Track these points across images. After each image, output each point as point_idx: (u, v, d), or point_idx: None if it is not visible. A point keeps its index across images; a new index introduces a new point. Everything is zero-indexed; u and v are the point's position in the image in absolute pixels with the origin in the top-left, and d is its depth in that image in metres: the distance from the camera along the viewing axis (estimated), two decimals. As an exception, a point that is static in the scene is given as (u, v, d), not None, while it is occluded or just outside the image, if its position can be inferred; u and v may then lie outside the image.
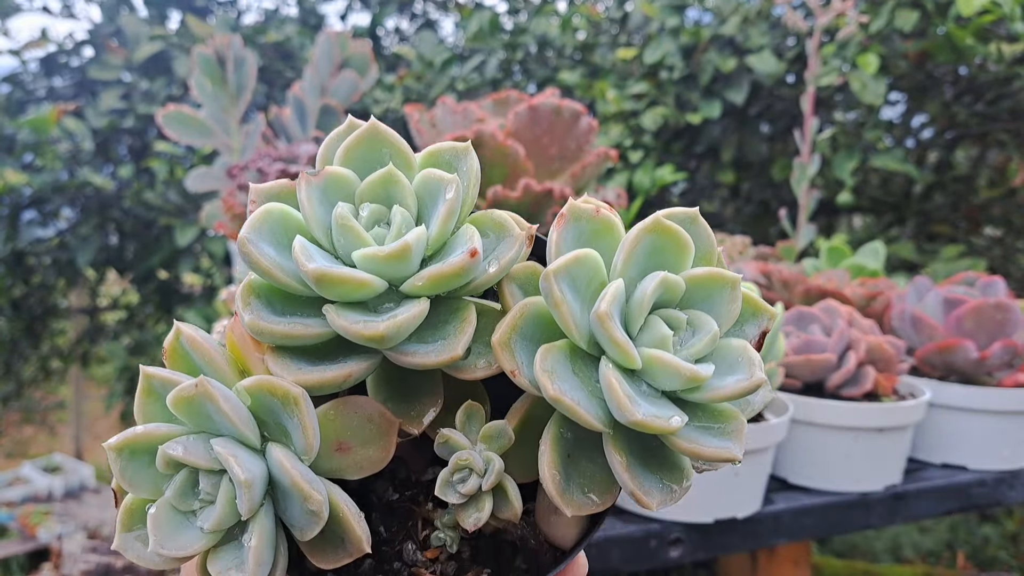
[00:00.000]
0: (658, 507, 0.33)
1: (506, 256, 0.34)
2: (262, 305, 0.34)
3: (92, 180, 1.95)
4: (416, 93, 2.05)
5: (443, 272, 0.32)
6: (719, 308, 0.34)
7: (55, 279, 2.45)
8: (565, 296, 0.31)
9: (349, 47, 1.54)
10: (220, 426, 0.32)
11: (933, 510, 0.94)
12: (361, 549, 0.33)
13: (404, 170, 0.36)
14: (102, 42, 2.11)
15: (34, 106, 2.17)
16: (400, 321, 0.32)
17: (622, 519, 0.79)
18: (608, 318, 0.31)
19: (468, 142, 0.37)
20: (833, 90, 1.93)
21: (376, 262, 0.33)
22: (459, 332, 0.34)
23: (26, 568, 2.24)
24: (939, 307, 1.00)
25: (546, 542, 0.40)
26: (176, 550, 0.31)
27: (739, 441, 0.32)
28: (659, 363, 0.31)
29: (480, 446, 0.36)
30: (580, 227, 0.34)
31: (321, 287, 0.32)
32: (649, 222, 0.33)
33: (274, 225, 0.34)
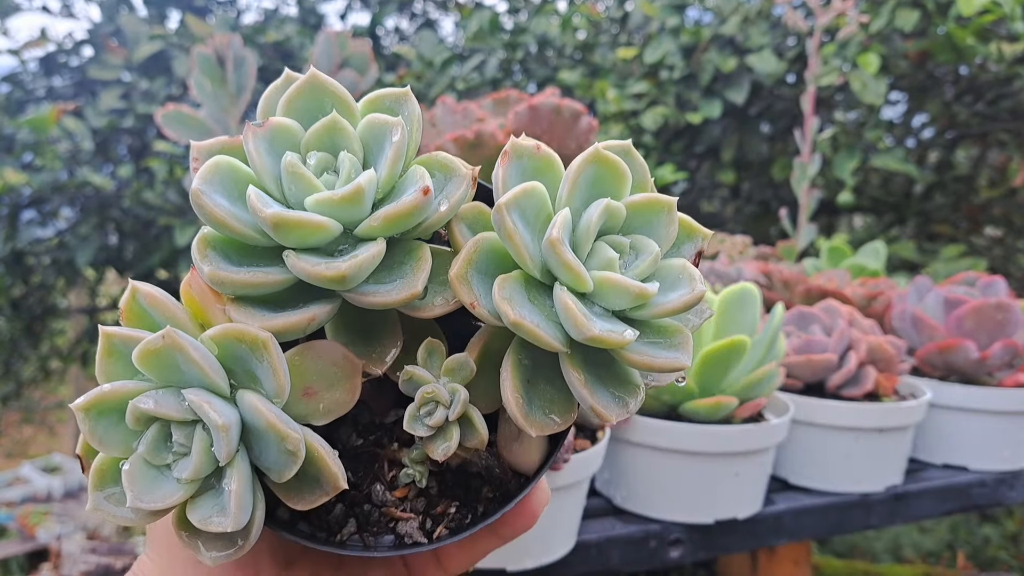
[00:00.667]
0: (616, 419, 0.35)
1: (455, 194, 0.35)
2: (219, 257, 0.34)
3: (91, 180, 1.95)
4: (416, 93, 2.04)
5: (398, 211, 0.33)
6: (658, 231, 0.36)
7: (54, 279, 2.45)
8: (517, 227, 0.33)
9: (349, 47, 1.54)
10: (189, 377, 0.32)
11: (933, 510, 0.93)
12: (338, 486, 0.34)
13: (348, 118, 0.36)
14: (101, 42, 2.10)
15: (33, 106, 2.17)
16: (361, 260, 0.32)
17: (622, 519, 0.79)
18: (560, 243, 0.32)
19: (407, 87, 0.38)
20: (833, 90, 1.93)
21: (330, 206, 0.33)
22: (416, 270, 0.35)
23: (25, 568, 2.24)
24: (940, 307, 1.00)
25: (510, 469, 0.41)
26: (154, 503, 0.31)
27: (687, 352, 0.34)
28: (609, 283, 0.33)
29: (443, 379, 0.37)
30: (523, 164, 0.35)
31: (279, 232, 0.32)
32: (589, 154, 0.35)
33: (224, 177, 0.34)
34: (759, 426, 0.76)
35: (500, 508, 0.39)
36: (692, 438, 0.74)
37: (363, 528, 0.40)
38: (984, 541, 2.21)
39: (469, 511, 0.41)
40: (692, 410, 0.75)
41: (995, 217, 2.25)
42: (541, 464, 0.41)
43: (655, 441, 0.75)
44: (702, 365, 0.73)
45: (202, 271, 0.33)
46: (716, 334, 0.75)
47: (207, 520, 0.31)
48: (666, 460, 0.75)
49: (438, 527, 0.40)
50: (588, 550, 0.73)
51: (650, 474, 0.77)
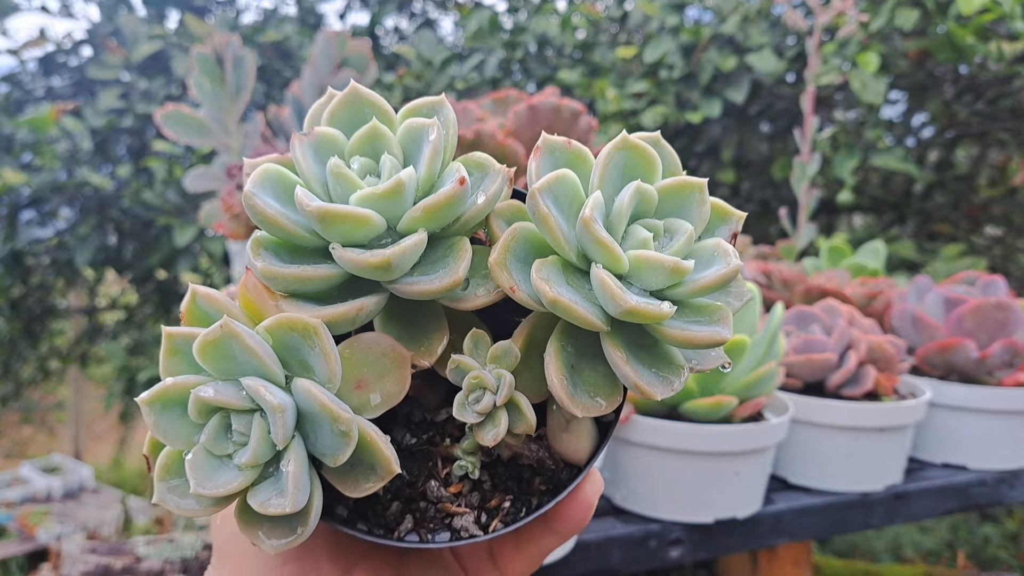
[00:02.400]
0: (660, 397, 0.35)
1: (492, 188, 0.37)
2: (271, 255, 0.36)
3: (91, 180, 1.94)
4: (415, 92, 2.04)
5: (437, 202, 0.35)
6: (691, 213, 0.36)
7: (54, 279, 2.45)
8: (551, 211, 0.34)
9: (348, 46, 1.53)
10: (246, 367, 0.33)
11: (933, 510, 0.93)
12: (391, 471, 0.35)
13: (388, 125, 0.38)
14: (101, 42, 2.10)
15: (32, 106, 2.16)
16: (404, 247, 0.34)
17: (622, 519, 0.79)
18: (593, 221, 0.33)
19: (442, 95, 0.39)
20: (833, 89, 1.93)
21: (373, 200, 0.35)
22: (458, 260, 0.36)
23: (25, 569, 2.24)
24: (939, 306, 1.00)
25: (562, 460, 0.42)
26: (215, 488, 0.32)
27: (727, 326, 0.35)
28: (644, 261, 0.33)
29: (490, 366, 0.38)
30: (555, 157, 0.36)
31: (325, 225, 0.34)
32: (618, 141, 0.35)
33: (274, 182, 0.36)
34: (759, 426, 0.76)
35: (553, 499, 0.40)
36: (692, 438, 0.74)
37: (419, 524, 0.40)
38: (984, 540, 2.21)
39: (523, 504, 0.41)
40: (692, 410, 0.75)
41: (995, 216, 2.25)
42: (592, 453, 0.41)
43: (655, 441, 0.75)
44: (702, 365, 0.73)
45: (255, 268, 0.35)
46: (716, 333, 0.75)
47: (267, 503, 0.32)
48: (666, 460, 0.75)
49: (493, 520, 0.40)
50: (588, 550, 0.73)
51: (650, 474, 0.77)
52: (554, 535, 0.42)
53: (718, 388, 0.76)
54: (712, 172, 2.15)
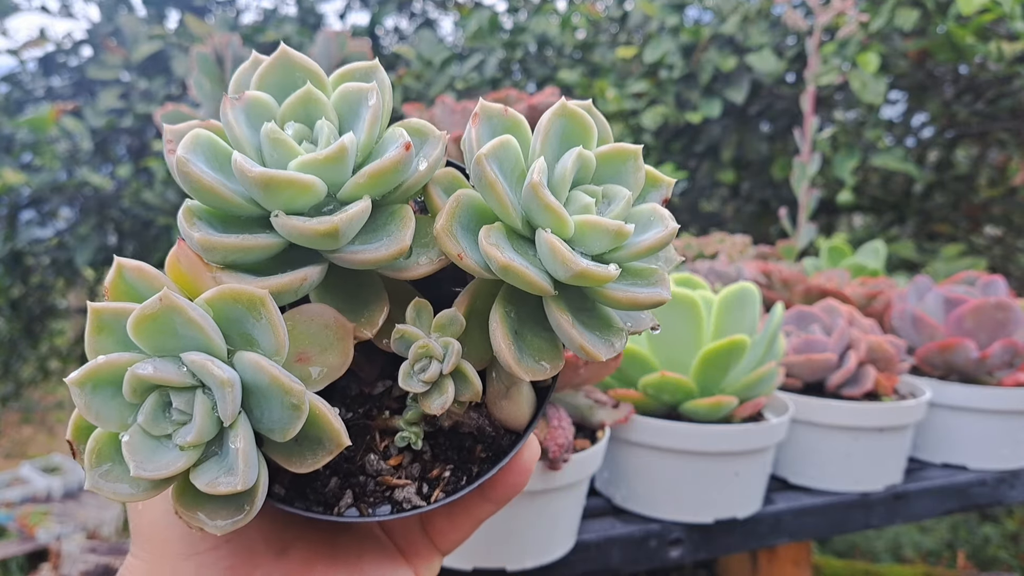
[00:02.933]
0: (604, 358, 0.36)
1: (433, 154, 0.37)
2: (207, 225, 0.34)
3: (91, 180, 1.94)
4: (415, 92, 2.04)
5: (382, 167, 0.34)
6: (627, 179, 0.37)
7: (54, 279, 2.44)
8: (497, 176, 0.34)
9: (348, 46, 1.53)
10: (186, 341, 0.31)
11: (933, 510, 0.93)
12: (340, 443, 0.34)
13: (321, 90, 0.37)
14: (100, 41, 2.10)
15: (32, 106, 2.16)
16: (351, 215, 0.33)
17: (622, 519, 0.79)
18: (541, 187, 0.33)
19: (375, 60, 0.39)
20: (833, 89, 1.93)
21: (315, 166, 0.33)
22: (402, 227, 0.35)
23: (25, 568, 2.24)
24: (939, 306, 1.00)
25: (502, 427, 0.42)
26: (158, 470, 0.30)
27: (666, 287, 0.36)
28: (588, 225, 0.34)
29: (435, 335, 0.37)
30: (493, 123, 0.36)
31: (267, 192, 0.32)
32: (557, 107, 0.36)
33: (206, 148, 0.34)
34: (759, 426, 0.76)
35: (494, 466, 0.40)
36: (692, 438, 0.74)
37: (359, 499, 0.40)
38: (984, 540, 2.21)
39: (464, 473, 0.41)
40: (692, 410, 0.75)
41: (995, 216, 2.25)
42: (531, 419, 0.42)
43: (655, 441, 0.75)
44: (702, 365, 0.73)
45: (191, 239, 0.33)
46: (716, 334, 0.75)
47: (215, 482, 0.30)
48: (666, 460, 0.75)
49: (435, 490, 0.40)
50: (588, 550, 0.73)
51: (650, 474, 0.77)
52: (489, 503, 0.43)
53: (718, 388, 0.76)
54: (712, 172, 2.15)
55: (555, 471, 0.62)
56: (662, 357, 0.75)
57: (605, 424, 0.71)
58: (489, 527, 0.63)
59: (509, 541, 0.65)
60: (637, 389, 0.76)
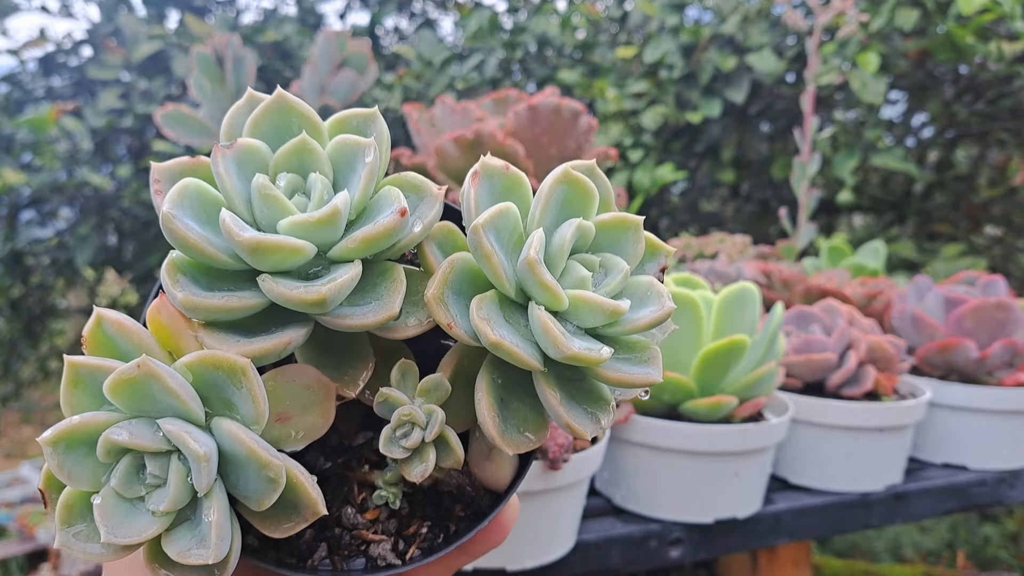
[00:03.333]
0: (590, 436, 0.35)
1: (428, 215, 0.35)
2: (191, 282, 0.33)
3: (91, 180, 1.94)
4: (415, 92, 2.04)
5: (375, 233, 0.33)
6: (626, 249, 0.36)
7: (54, 279, 2.44)
8: (494, 247, 0.33)
9: (348, 46, 1.53)
10: (163, 406, 0.31)
11: (933, 510, 0.93)
12: (317, 512, 0.34)
13: (316, 138, 0.36)
14: (101, 42, 2.10)
15: (32, 106, 2.16)
16: (340, 283, 0.32)
17: (622, 519, 0.78)
18: (538, 263, 0.33)
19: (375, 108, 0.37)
20: (833, 89, 1.93)
21: (306, 228, 0.33)
22: (392, 291, 0.34)
23: (25, 569, 2.24)
24: (939, 306, 1.00)
25: (482, 487, 0.42)
26: (129, 537, 0.30)
27: (657, 367, 0.35)
28: (583, 302, 0.34)
29: (418, 400, 0.37)
30: (493, 183, 0.36)
31: (255, 257, 0.31)
32: (559, 173, 0.35)
33: (193, 200, 0.33)
34: (759, 426, 0.76)
35: (472, 526, 0.39)
36: (692, 438, 0.74)
37: (334, 552, 0.39)
38: (984, 540, 2.21)
39: (441, 530, 0.41)
40: (692, 410, 0.75)
41: (995, 216, 2.25)
42: (512, 480, 0.41)
43: (655, 441, 0.75)
44: (702, 365, 0.73)
45: (174, 297, 0.32)
46: (716, 334, 0.75)
47: (186, 553, 0.30)
48: (666, 460, 0.75)
49: (411, 547, 0.39)
50: (588, 550, 0.73)
51: (650, 474, 0.77)
52: (467, 556, 0.43)
53: (718, 388, 0.76)
54: (712, 172, 2.15)
55: (555, 471, 0.62)
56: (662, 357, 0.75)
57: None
58: (489, 527, 0.63)
59: (509, 541, 0.65)
60: (637, 389, 0.75)
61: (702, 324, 0.74)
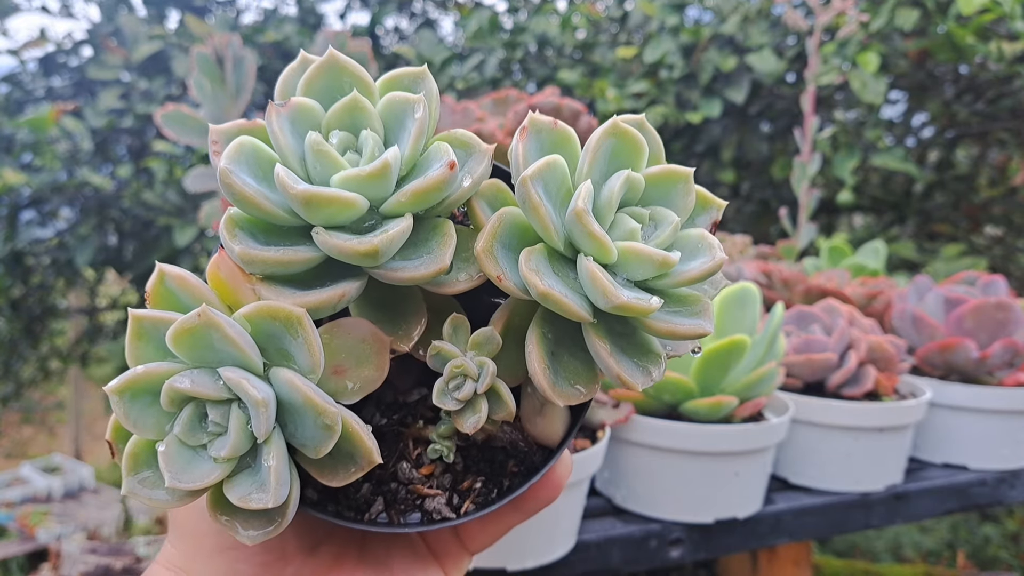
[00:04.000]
0: (641, 387, 0.35)
1: (478, 170, 0.36)
2: (248, 236, 0.34)
3: (91, 180, 1.94)
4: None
5: (426, 186, 0.33)
6: (676, 202, 0.36)
7: (54, 279, 2.44)
8: (542, 199, 0.33)
9: (348, 46, 1.53)
10: (223, 355, 0.32)
11: (934, 510, 0.93)
12: (372, 460, 0.34)
13: (367, 97, 0.36)
14: (101, 42, 2.10)
15: (33, 106, 2.16)
16: (392, 235, 0.33)
17: (622, 519, 0.78)
18: (586, 214, 0.32)
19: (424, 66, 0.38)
20: (833, 89, 1.93)
21: (358, 182, 0.33)
22: (443, 245, 0.35)
23: (25, 569, 2.24)
24: (940, 306, 1.00)
25: (535, 442, 0.42)
26: (192, 482, 0.31)
27: (709, 319, 0.35)
28: (632, 253, 0.33)
29: (470, 353, 0.37)
30: (541, 138, 0.36)
31: (309, 209, 0.32)
32: (608, 126, 0.35)
33: (249, 157, 0.34)
34: (759, 425, 0.76)
35: (525, 481, 0.40)
36: (692, 438, 0.74)
37: (391, 506, 0.40)
38: (984, 540, 2.21)
39: (495, 485, 0.41)
40: (692, 410, 0.75)
41: (995, 216, 2.25)
42: (565, 436, 0.41)
43: (655, 441, 0.75)
44: (702, 364, 0.73)
45: (232, 251, 0.33)
46: (716, 333, 0.75)
47: (247, 497, 0.31)
48: (666, 460, 0.75)
49: (465, 502, 0.40)
50: (588, 550, 0.73)
51: (650, 474, 0.77)
52: (521, 513, 0.43)
53: (718, 388, 0.76)
54: (712, 172, 2.15)
55: (555, 471, 0.62)
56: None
57: (605, 424, 0.71)
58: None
59: (509, 541, 0.65)
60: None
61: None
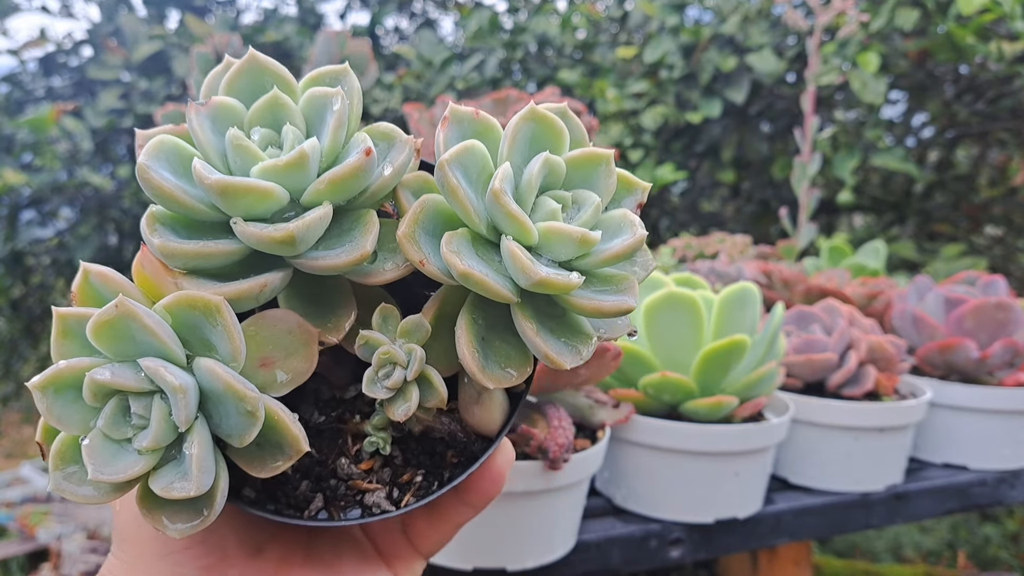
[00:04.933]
0: (570, 366, 0.35)
1: (399, 159, 0.36)
2: (169, 231, 0.34)
3: (91, 180, 1.94)
4: (415, 92, 2.04)
5: (343, 173, 0.33)
6: (598, 184, 0.36)
7: (54, 279, 2.44)
8: (460, 182, 0.33)
9: (348, 46, 1.53)
10: (144, 347, 0.32)
11: (934, 510, 0.93)
12: (300, 449, 0.34)
13: (289, 95, 0.37)
14: (101, 42, 2.10)
15: (33, 106, 2.16)
16: (309, 221, 0.33)
17: (622, 519, 0.78)
18: (503, 193, 0.33)
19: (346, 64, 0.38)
20: (833, 89, 1.93)
21: (276, 172, 0.33)
22: (365, 233, 0.35)
23: (25, 568, 2.24)
24: (940, 306, 1.00)
25: (473, 432, 0.42)
26: (115, 474, 0.31)
27: (633, 295, 0.35)
28: (553, 232, 0.34)
29: (400, 341, 0.37)
30: (463, 127, 0.36)
31: (225, 199, 0.32)
32: (526, 111, 0.35)
33: (169, 154, 0.34)
34: (759, 426, 0.76)
35: (465, 471, 0.40)
36: (692, 438, 0.74)
37: (330, 503, 0.40)
38: (984, 540, 2.21)
39: (435, 478, 0.41)
40: (692, 410, 0.75)
41: (995, 216, 2.25)
42: (503, 425, 0.41)
43: (655, 441, 0.75)
44: (702, 364, 0.73)
45: (152, 244, 0.33)
46: (716, 334, 0.75)
47: (170, 487, 0.31)
48: (666, 460, 0.75)
49: (405, 496, 0.40)
50: (588, 550, 0.73)
51: (650, 474, 0.77)
52: (467, 507, 0.43)
53: (718, 388, 0.76)
54: (712, 172, 2.15)
55: (555, 471, 0.62)
56: (662, 357, 0.75)
57: (605, 424, 0.71)
58: (489, 527, 0.63)
59: (509, 541, 0.65)
60: (638, 389, 0.76)
61: (702, 324, 0.74)
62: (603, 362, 0.63)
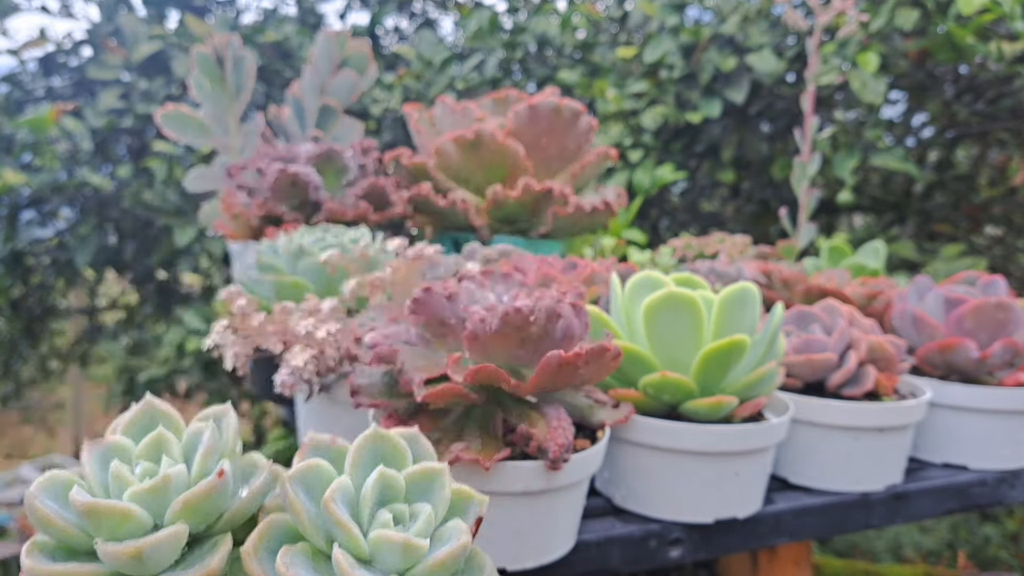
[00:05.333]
0: None
1: (256, 483, 0.41)
2: (45, 556, 0.38)
3: (91, 180, 1.94)
4: (415, 92, 2.04)
5: (194, 494, 0.37)
6: (434, 496, 0.41)
7: (54, 279, 2.44)
8: (299, 496, 0.37)
9: (348, 46, 1.53)
10: None
11: (934, 510, 0.93)
12: None
13: (175, 433, 0.43)
14: (101, 42, 2.10)
15: (32, 106, 2.16)
16: (159, 538, 0.36)
17: (622, 519, 0.78)
18: (333, 502, 0.36)
19: (228, 404, 0.45)
20: (833, 89, 1.93)
21: (140, 495, 0.37)
22: (215, 554, 0.38)
23: (25, 568, 2.24)
24: (940, 306, 1.00)
25: None
26: None
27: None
28: (382, 541, 0.36)
29: None
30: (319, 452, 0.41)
31: (91, 520, 0.36)
32: (370, 432, 0.41)
33: (58, 486, 0.40)
34: (759, 425, 0.76)
35: None
36: (692, 438, 0.74)
37: None
38: (984, 540, 2.21)
39: None
40: (692, 410, 0.75)
41: (995, 216, 2.25)
42: None
43: (655, 441, 0.75)
44: (702, 364, 0.73)
45: (24, 566, 0.36)
46: (716, 333, 0.75)
47: None
48: (666, 460, 0.75)
49: None
50: (588, 550, 0.73)
51: (650, 474, 0.77)
52: None
53: (718, 388, 0.76)
54: (712, 172, 2.15)
55: (555, 471, 0.62)
56: (662, 357, 0.75)
57: (605, 424, 0.71)
58: (488, 527, 0.63)
59: (509, 541, 0.65)
60: (637, 389, 0.76)
61: (702, 324, 0.74)
62: (603, 362, 0.63)
